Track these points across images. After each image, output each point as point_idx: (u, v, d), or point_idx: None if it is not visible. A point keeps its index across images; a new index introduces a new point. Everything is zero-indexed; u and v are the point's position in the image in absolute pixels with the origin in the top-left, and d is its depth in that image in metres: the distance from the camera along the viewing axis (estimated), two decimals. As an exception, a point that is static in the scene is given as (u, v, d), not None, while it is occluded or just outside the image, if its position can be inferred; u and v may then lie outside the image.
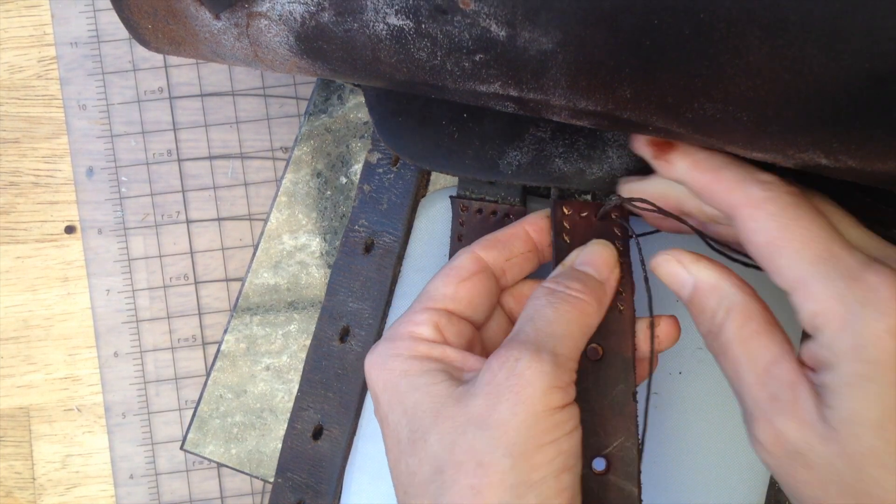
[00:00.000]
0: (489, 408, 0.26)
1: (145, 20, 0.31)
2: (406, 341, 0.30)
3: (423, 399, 0.28)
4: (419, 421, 0.27)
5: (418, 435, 0.27)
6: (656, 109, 0.26)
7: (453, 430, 0.26)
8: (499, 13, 0.25)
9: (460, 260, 0.32)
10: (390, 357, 0.29)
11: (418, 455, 0.27)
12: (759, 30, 0.23)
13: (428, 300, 0.31)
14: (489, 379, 0.27)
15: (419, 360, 0.29)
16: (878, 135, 0.24)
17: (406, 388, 0.28)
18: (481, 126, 0.34)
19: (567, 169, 0.33)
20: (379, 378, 0.29)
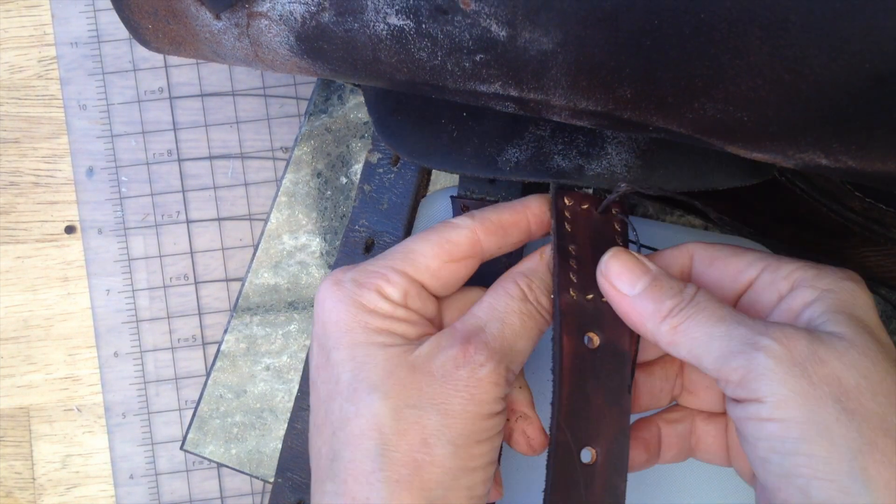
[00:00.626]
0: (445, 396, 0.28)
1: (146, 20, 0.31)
2: (373, 294, 0.29)
3: (376, 354, 0.28)
4: (367, 373, 0.28)
5: (362, 385, 0.28)
6: (657, 109, 0.26)
7: (403, 398, 0.28)
8: (499, 13, 0.25)
9: (458, 235, 0.31)
10: (353, 302, 0.29)
11: (357, 405, 0.28)
12: (759, 30, 0.23)
13: (409, 264, 0.30)
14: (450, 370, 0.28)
15: (381, 317, 0.29)
16: (878, 135, 0.24)
17: (362, 338, 0.29)
18: (481, 124, 0.33)
19: (566, 165, 0.33)
20: (335, 313, 0.29)
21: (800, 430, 0.25)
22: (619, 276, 0.30)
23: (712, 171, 0.32)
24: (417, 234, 0.31)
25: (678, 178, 0.32)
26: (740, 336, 0.27)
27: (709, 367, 0.27)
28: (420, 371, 0.28)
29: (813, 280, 0.29)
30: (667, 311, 0.28)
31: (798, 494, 0.25)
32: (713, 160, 0.32)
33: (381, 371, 0.28)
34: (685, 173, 0.32)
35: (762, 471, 0.26)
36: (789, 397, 0.25)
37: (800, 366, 0.26)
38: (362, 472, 0.27)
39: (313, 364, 0.30)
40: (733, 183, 0.32)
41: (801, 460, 0.25)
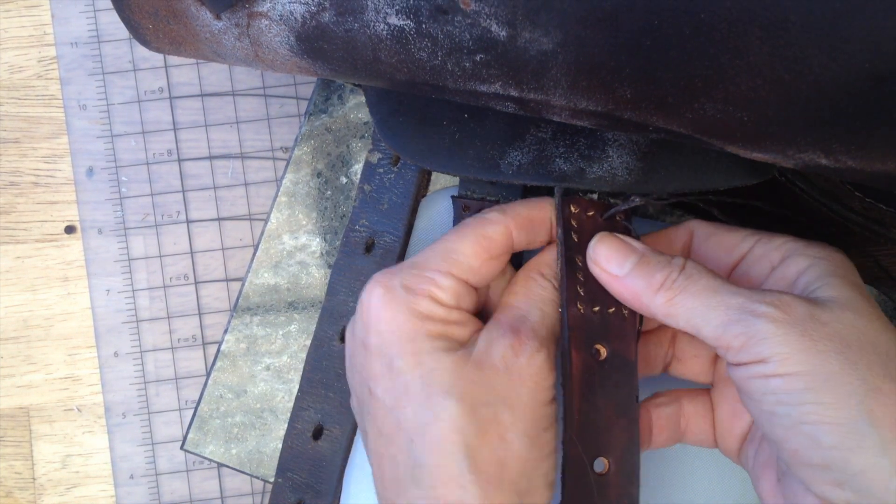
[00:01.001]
0: (511, 389, 0.29)
1: (146, 20, 0.31)
2: (427, 300, 0.30)
3: (442, 358, 0.29)
4: (438, 378, 0.28)
5: (435, 391, 0.28)
6: (657, 109, 0.26)
7: (477, 397, 0.28)
8: (499, 13, 0.25)
9: (495, 230, 0.31)
10: (410, 310, 0.29)
11: (434, 410, 0.28)
12: (759, 30, 0.23)
13: (454, 265, 0.31)
14: (510, 360, 0.29)
15: (438, 322, 0.30)
16: (878, 135, 0.24)
17: (426, 345, 0.29)
18: (482, 126, 0.33)
19: (567, 168, 0.33)
20: (393, 323, 0.29)
21: (804, 381, 0.26)
22: (607, 258, 0.31)
23: (713, 171, 0.32)
24: (453, 232, 0.32)
25: (679, 179, 0.32)
26: (738, 304, 0.28)
27: (708, 335, 0.28)
28: (485, 368, 0.29)
29: (804, 249, 0.30)
30: (658, 284, 0.29)
31: (806, 441, 0.26)
32: (713, 161, 0.32)
33: (450, 374, 0.28)
34: (686, 174, 0.32)
35: (769, 424, 0.27)
36: (792, 354, 0.26)
37: (799, 326, 0.27)
38: (451, 476, 0.27)
39: (370, 373, 0.30)
40: (734, 183, 0.32)
41: (809, 408, 0.26)
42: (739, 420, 0.32)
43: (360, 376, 0.31)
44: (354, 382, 0.32)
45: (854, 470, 0.25)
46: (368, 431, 0.30)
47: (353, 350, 0.31)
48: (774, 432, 0.27)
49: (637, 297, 0.30)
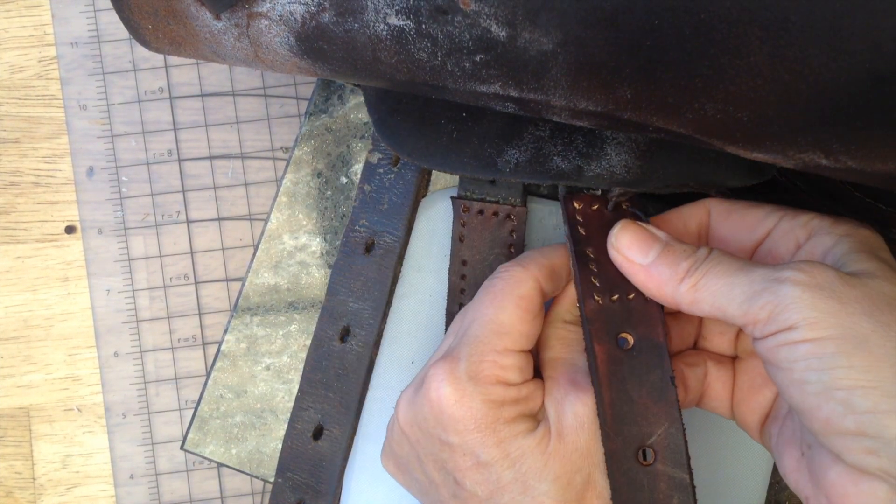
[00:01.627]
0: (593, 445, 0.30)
1: (146, 20, 0.31)
2: (498, 387, 0.30)
3: (527, 443, 0.29)
4: (527, 465, 0.29)
5: (529, 478, 0.29)
6: (657, 110, 0.26)
7: (568, 470, 0.29)
8: (499, 13, 0.25)
9: (528, 289, 0.31)
10: (484, 402, 0.30)
11: (531, 496, 0.29)
12: (759, 30, 0.23)
13: (508, 339, 0.31)
14: (581, 414, 0.30)
15: (512, 404, 0.30)
16: (878, 135, 0.24)
17: (506, 432, 0.29)
18: (480, 125, 0.33)
19: (565, 166, 0.33)
20: (469, 419, 0.29)
21: (836, 344, 0.25)
22: (630, 246, 0.30)
23: (712, 171, 0.32)
24: (490, 300, 0.31)
25: (677, 178, 0.32)
26: (761, 275, 0.27)
27: (734, 313, 0.27)
28: (565, 435, 0.29)
29: (831, 227, 0.29)
30: (684, 272, 0.29)
31: (839, 407, 0.25)
32: (713, 161, 0.32)
33: (538, 456, 0.29)
34: (685, 174, 0.32)
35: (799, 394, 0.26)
36: (821, 318, 0.25)
37: (826, 289, 0.26)
38: None
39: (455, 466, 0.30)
40: (734, 183, 0.32)
41: (841, 373, 0.25)
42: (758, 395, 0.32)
43: (435, 463, 0.31)
44: (423, 462, 0.32)
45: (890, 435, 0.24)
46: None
47: (417, 436, 0.31)
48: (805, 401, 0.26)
49: (660, 287, 0.29)
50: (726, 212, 0.32)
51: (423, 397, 0.31)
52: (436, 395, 0.30)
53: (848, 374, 0.25)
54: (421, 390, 0.31)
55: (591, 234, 0.32)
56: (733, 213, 0.32)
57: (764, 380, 0.32)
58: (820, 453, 0.28)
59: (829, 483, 0.27)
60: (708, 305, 0.28)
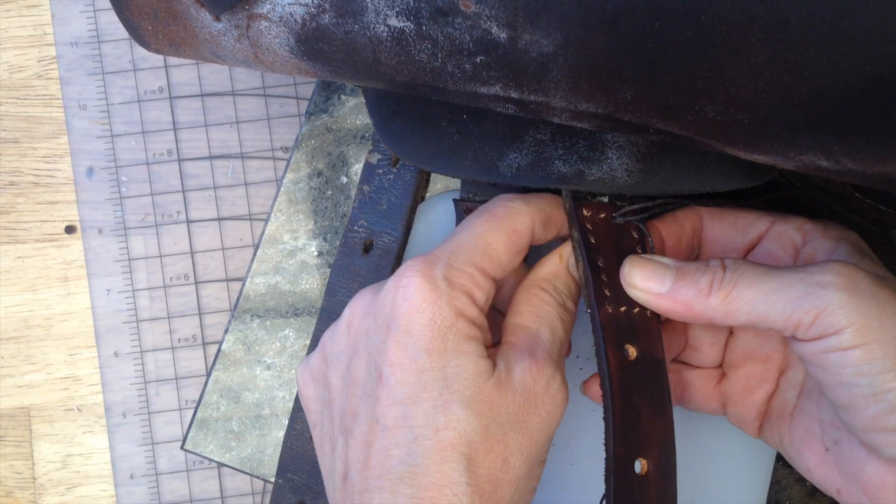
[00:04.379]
0: (526, 414, 0.29)
1: (145, 21, 0.31)
2: (465, 298, 0.29)
3: (467, 366, 0.28)
4: (459, 386, 0.28)
5: (454, 398, 0.28)
6: (657, 112, 0.26)
7: (492, 415, 0.28)
8: (500, 15, 0.25)
9: (523, 224, 0.31)
10: (450, 305, 0.29)
11: (447, 416, 0.28)
12: (760, 32, 0.23)
13: (488, 262, 0.30)
14: (529, 385, 0.29)
15: (469, 323, 0.29)
16: (878, 137, 0.24)
17: (454, 345, 0.28)
18: (481, 128, 0.33)
19: (566, 170, 0.33)
20: (427, 314, 0.28)
21: (882, 349, 0.26)
22: (646, 280, 0.30)
23: (713, 173, 0.32)
24: (485, 221, 0.31)
25: (679, 181, 0.32)
26: (799, 281, 0.28)
27: (776, 319, 0.28)
28: (505, 389, 0.29)
29: (824, 231, 0.31)
30: (708, 287, 0.29)
31: (887, 406, 0.26)
32: (714, 163, 0.32)
33: (472, 385, 0.28)
34: (686, 176, 0.32)
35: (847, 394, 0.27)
36: (866, 323, 0.26)
37: (867, 292, 0.27)
38: (447, 483, 0.27)
39: (386, 357, 0.29)
40: (734, 185, 0.32)
41: (890, 376, 0.26)
42: (753, 395, 0.33)
43: (368, 356, 0.30)
44: (350, 358, 0.30)
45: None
46: (359, 414, 0.29)
47: (365, 327, 0.30)
48: (853, 401, 0.27)
49: (689, 307, 0.29)
50: (718, 215, 0.33)
51: (390, 284, 0.30)
52: (405, 282, 0.29)
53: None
54: (390, 280, 0.30)
55: (601, 244, 0.32)
56: (725, 216, 0.33)
57: (758, 380, 0.33)
58: (852, 448, 0.29)
59: (867, 476, 0.28)
60: (745, 314, 0.28)
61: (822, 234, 0.31)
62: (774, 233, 0.32)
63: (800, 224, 0.31)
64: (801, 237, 0.31)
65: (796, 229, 0.31)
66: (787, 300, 0.27)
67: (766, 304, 0.28)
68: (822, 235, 0.31)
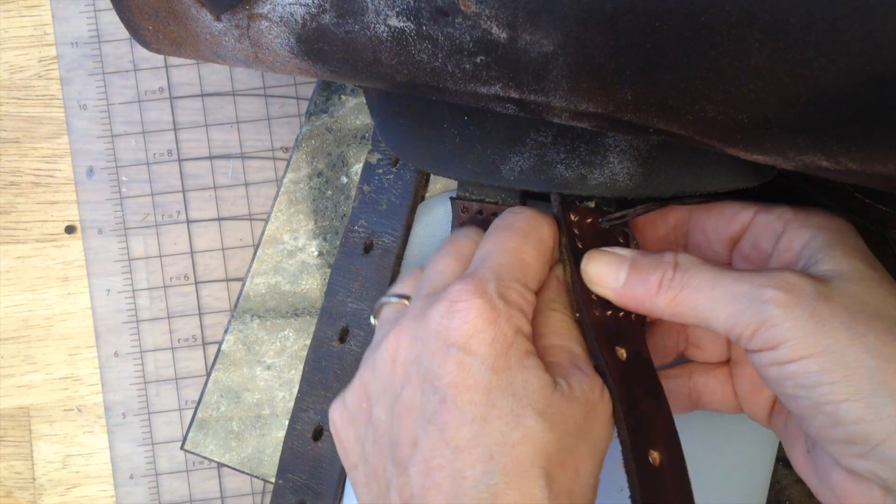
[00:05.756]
0: (589, 424, 0.29)
1: (146, 21, 0.31)
2: (521, 315, 0.29)
3: (533, 381, 0.28)
4: (530, 399, 0.28)
5: (528, 412, 0.27)
6: (657, 111, 0.26)
7: (564, 427, 0.28)
8: (500, 15, 0.25)
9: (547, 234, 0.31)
10: (509, 323, 0.28)
11: (523, 431, 0.27)
12: (759, 32, 0.23)
13: (529, 277, 0.30)
14: (588, 394, 0.29)
15: (526, 339, 0.29)
16: (878, 137, 0.24)
17: (517, 362, 0.28)
18: (482, 129, 0.33)
19: (569, 175, 0.33)
20: (488, 333, 0.28)
21: (818, 363, 0.26)
22: (600, 276, 0.31)
23: (713, 174, 0.32)
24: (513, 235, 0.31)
25: (679, 182, 0.32)
26: (743, 292, 0.28)
27: (719, 327, 0.28)
28: (571, 399, 0.28)
29: (805, 219, 0.31)
30: (656, 286, 0.29)
31: (828, 420, 0.27)
32: (714, 164, 0.32)
33: (542, 398, 0.28)
34: (686, 178, 0.32)
35: (794, 405, 0.28)
36: (802, 338, 0.27)
37: (807, 307, 0.27)
38: (528, 496, 0.27)
39: (448, 380, 0.28)
40: (735, 185, 0.32)
41: (826, 389, 0.26)
42: (762, 392, 0.33)
43: (422, 384, 0.29)
44: (400, 390, 0.29)
45: (875, 441, 0.26)
46: (420, 441, 0.28)
47: (414, 355, 0.29)
48: (800, 412, 0.28)
49: (640, 304, 0.30)
50: (705, 207, 0.33)
51: (444, 309, 0.28)
52: (464, 305, 0.28)
53: (832, 390, 0.26)
54: (439, 304, 0.29)
55: (586, 249, 0.32)
56: (712, 207, 0.33)
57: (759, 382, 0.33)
58: (823, 454, 0.29)
59: (834, 482, 0.28)
60: (691, 317, 0.29)
61: (801, 224, 0.31)
62: (758, 223, 0.32)
63: (781, 213, 0.31)
64: (781, 225, 0.31)
65: (777, 218, 0.31)
66: (730, 311, 0.28)
67: (710, 312, 0.29)
68: (800, 225, 0.31)
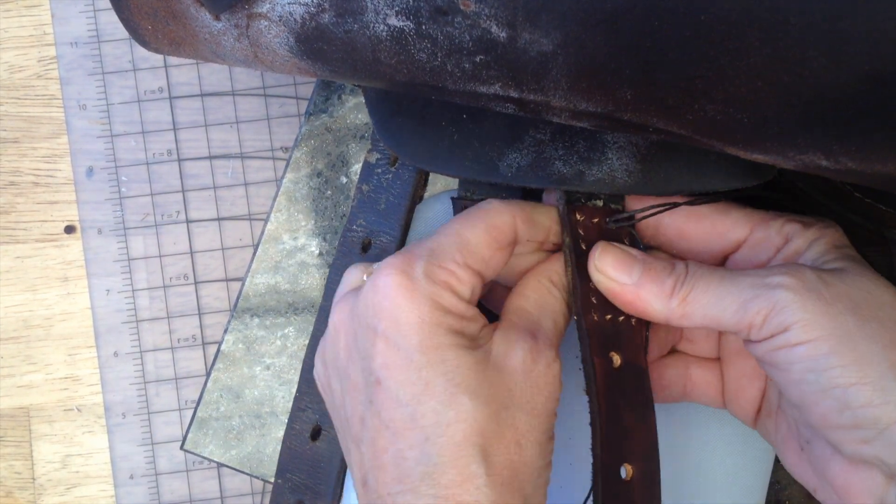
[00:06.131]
0: (530, 395, 0.29)
1: (145, 21, 0.31)
2: (448, 293, 0.29)
3: (465, 357, 0.28)
4: (462, 377, 0.28)
5: (460, 390, 0.28)
6: (657, 111, 0.26)
7: (499, 401, 0.28)
8: (499, 14, 0.25)
9: (502, 220, 0.31)
10: (433, 303, 0.29)
11: (456, 409, 0.27)
12: (759, 31, 0.23)
13: (470, 256, 0.30)
14: (529, 365, 0.29)
15: (457, 317, 0.29)
16: (878, 136, 0.24)
17: (447, 340, 0.28)
18: (481, 127, 0.33)
19: (567, 171, 0.33)
20: (413, 313, 0.28)
21: (828, 345, 0.27)
22: (615, 267, 0.31)
23: (713, 173, 0.32)
24: (462, 220, 0.31)
25: (679, 181, 0.32)
26: (750, 284, 0.29)
27: (728, 321, 0.29)
28: (506, 371, 0.29)
29: (803, 231, 0.31)
30: (671, 288, 0.30)
31: (836, 404, 0.27)
32: (713, 163, 0.32)
33: (475, 374, 0.28)
34: (686, 176, 0.32)
35: (797, 392, 0.28)
36: (813, 320, 0.27)
37: (814, 290, 0.27)
38: (467, 477, 0.27)
39: (380, 362, 0.28)
40: (734, 184, 0.32)
41: (835, 372, 0.27)
42: (749, 389, 0.33)
43: (361, 361, 0.29)
44: (346, 365, 0.30)
45: (883, 425, 0.26)
46: (366, 420, 0.29)
47: (352, 330, 0.30)
48: (804, 399, 0.28)
49: (649, 304, 0.30)
50: (696, 216, 0.33)
51: (369, 285, 0.29)
52: (383, 282, 0.29)
53: (842, 374, 0.27)
54: (368, 281, 0.30)
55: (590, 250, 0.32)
56: (703, 218, 0.33)
57: (752, 375, 0.33)
58: (820, 447, 0.29)
59: (833, 474, 0.28)
60: (700, 317, 0.29)
61: (799, 235, 0.31)
62: (755, 239, 0.32)
63: (781, 226, 0.32)
64: (782, 239, 0.32)
65: (777, 233, 0.32)
66: (739, 303, 0.28)
67: (719, 308, 0.29)
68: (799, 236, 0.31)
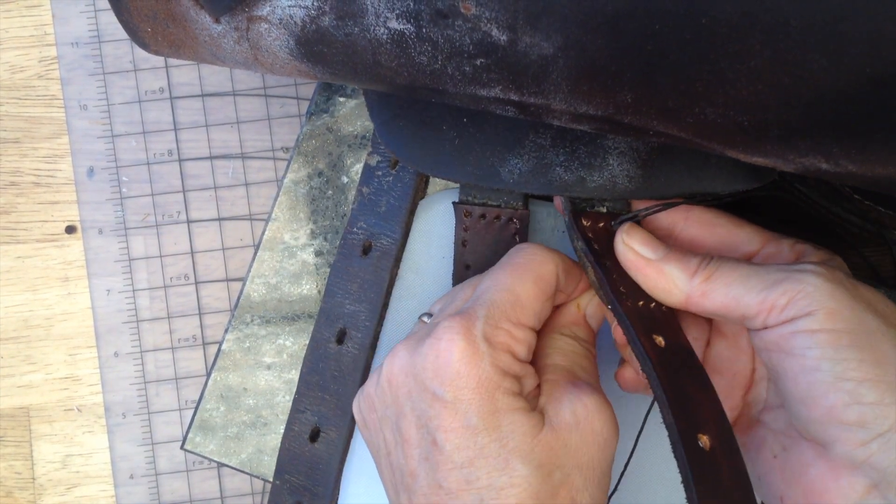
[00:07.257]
0: (581, 451, 0.29)
1: (145, 23, 0.31)
2: (507, 356, 0.29)
3: (521, 421, 0.29)
4: (516, 442, 0.28)
5: (513, 456, 0.28)
6: (657, 114, 0.26)
7: (552, 462, 0.28)
8: (500, 18, 0.25)
9: (549, 271, 0.31)
10: (493, 367, 0.29)
11: (510, 475, 0.28)
12: (760, 34, 0.23)
13: (523, 314, 0.30)
14: (580, 413, 0.29)
15: (514, 379, 0.30)
16: (878, 139, 0.24)
17: (504, 404, 0.29)
18: (482, 132, 0.33)
19: (568, 177, 0.33)
20: (473, 378, 0.29)
21: (849, 338, 0.27)
22: (643, 242, 0.31)
23: (713, 176, 0.32)
24: (510, 272, 0.31)
25: (679, 184, 0.32)
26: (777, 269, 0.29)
27: (751, 300, 0.29)
28: (560, 429, 0.29)
29: (815, 251, 0.32)
30: (695, 267, 0.30)
31: (845, 397, 0.27)
32: (714, 166, 0.32)
33: (528, 438, 0.28)
34: (686, 180, 0.32)
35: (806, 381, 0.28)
36: (838, 309, 0.27)
37: (842, 284, 0.28)
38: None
39: (438, 423, 0.29)
40: (735, 187, 0.32)
41: (852, 365, 0.27)
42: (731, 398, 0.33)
43: (417, 419, 0.30)
44: (399, 418, 0.31)
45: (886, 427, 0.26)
46: (419, 476, 0.29)
47: (410, 387, 0.30)
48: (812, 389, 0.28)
49: (671, 282, 0.30)
50: (710, 223, 0.33)
51: (429, 347, 0.29)
52: (446, 346, 0.29)
53: (859, 367, 0.27)
54: (427, 340, 0.30)
55: (604, 250, 0.32)
56: (717, 226, 0.33)
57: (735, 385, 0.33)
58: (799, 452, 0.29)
59: (809, 480, 0.28)
60: (721, 295, 0.29)
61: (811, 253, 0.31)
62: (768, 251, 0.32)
63: (793, 243, 0.32)
64: (794, 255, 0.32)
65: (790, 249, 0.32)
66: (765, 283, 0.28)
67: (742, 287, 0.29)
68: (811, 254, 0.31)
